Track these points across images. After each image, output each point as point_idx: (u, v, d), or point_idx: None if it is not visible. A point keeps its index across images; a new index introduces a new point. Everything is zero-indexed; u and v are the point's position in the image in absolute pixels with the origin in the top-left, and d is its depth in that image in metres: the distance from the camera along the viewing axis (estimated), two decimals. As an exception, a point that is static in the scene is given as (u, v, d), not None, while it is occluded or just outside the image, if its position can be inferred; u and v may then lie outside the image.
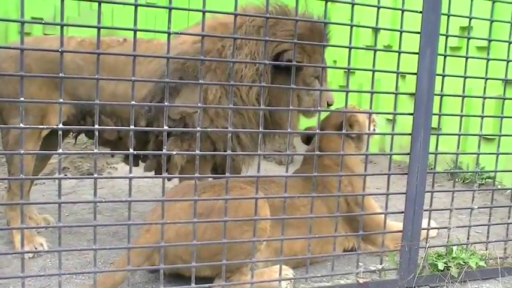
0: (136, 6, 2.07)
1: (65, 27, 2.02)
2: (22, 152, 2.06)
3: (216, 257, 2.43)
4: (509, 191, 3.27)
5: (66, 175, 5.13)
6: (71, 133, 3.59)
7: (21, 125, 2.02)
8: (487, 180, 5.11)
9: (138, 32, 2.12)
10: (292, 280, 2.66)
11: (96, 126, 2.15)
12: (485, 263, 2.89)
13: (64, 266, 2.81)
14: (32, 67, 2.95)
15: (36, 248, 3.06)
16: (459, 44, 5.57)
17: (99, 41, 2.10)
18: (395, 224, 3.10)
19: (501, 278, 2.90)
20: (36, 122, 3.03)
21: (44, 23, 2.10)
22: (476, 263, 2.83)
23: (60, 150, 2.12)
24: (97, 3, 2.05)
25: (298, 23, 2.47)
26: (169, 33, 2.17)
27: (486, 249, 2.98)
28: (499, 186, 4.89)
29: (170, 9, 2.13)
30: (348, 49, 2.49)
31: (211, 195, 2.61)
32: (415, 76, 2.62)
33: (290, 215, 2.79)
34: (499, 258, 2.94)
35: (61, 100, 2.08)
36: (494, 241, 3.00)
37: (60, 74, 2.06)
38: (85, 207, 4.08)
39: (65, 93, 3.08)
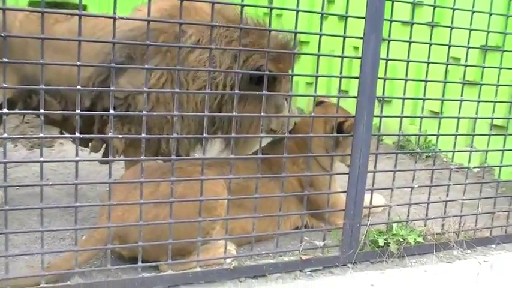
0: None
1: None
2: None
3: (177, 245, 2.51)
4: (452, 167, 3.43)
5: (16, 145, 5.14)
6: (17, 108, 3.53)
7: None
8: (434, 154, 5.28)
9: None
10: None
11: (42, 110, 2.16)
12: (423, 239, 3.04)
13: (13, 242, 2.83)
14: None
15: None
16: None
17: (44, 24, 2.10)
18: None
19: (437, 253, 3.06)
20: None
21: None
22: (415, 239, 2.98)
23: (5, 135, 2.12)
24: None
25: (273, 45, 2.64)
26: (114, 18, 2.18)
27: (425, 226, 3.13)
28: (445, 159, 5.09)
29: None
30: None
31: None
32: (359, 60, 2.69)
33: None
34: (437, 234, 3.09)
35: (4, 85, 2.08)
36: (433, 218, 3.15)
37: (4, 59, 2.05)
38: (36, 179, 4.08)
39: (11, 68, 3.05)
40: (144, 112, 2.32)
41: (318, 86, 2.69)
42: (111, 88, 2.25)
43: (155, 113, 2.94)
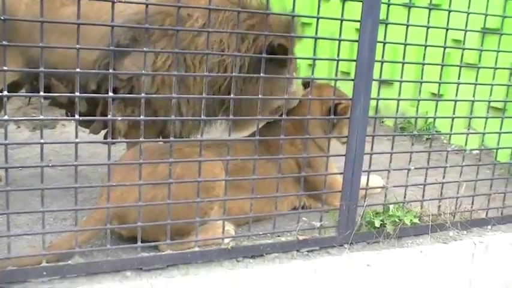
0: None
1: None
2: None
3: (176, 225, 2.55)
4: (451, 148, 3.45)
5: (19, 127, 5.17)
6: (24, 90, 3.56)
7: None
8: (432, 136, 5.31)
9: None
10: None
11: (42, 93, 2.20)
12: (419, 220, 3.07)
13: (15, 222, 2.90)
14: None
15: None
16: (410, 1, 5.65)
17: (43, 8, 2.12)
18: None
19: (433, 234, 3.10)
20: None
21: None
22: (411, 220, 3.02)
23: (5, 117, 2.16)
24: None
25: (275, 25, 2.79)
26: (113, 2, 2.19)
27: (421, 207, 3.17)
28: (445, 141, 5.10)
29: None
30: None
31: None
32: (357, 43, 2.71)
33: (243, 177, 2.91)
34: (433, 215, 3.13)
35: (5, 68, 2.11)
36: (429, 199, 3.18)
37: (4, 42, 2.07)
38: (38, 160, 4.11)
39: (17, 50, 3.08)
40: (142, 94, 2.35)
41: (319, 68, 2.71)
42: (110, 71, 2.27)
43: (154, 95, 2.97)
